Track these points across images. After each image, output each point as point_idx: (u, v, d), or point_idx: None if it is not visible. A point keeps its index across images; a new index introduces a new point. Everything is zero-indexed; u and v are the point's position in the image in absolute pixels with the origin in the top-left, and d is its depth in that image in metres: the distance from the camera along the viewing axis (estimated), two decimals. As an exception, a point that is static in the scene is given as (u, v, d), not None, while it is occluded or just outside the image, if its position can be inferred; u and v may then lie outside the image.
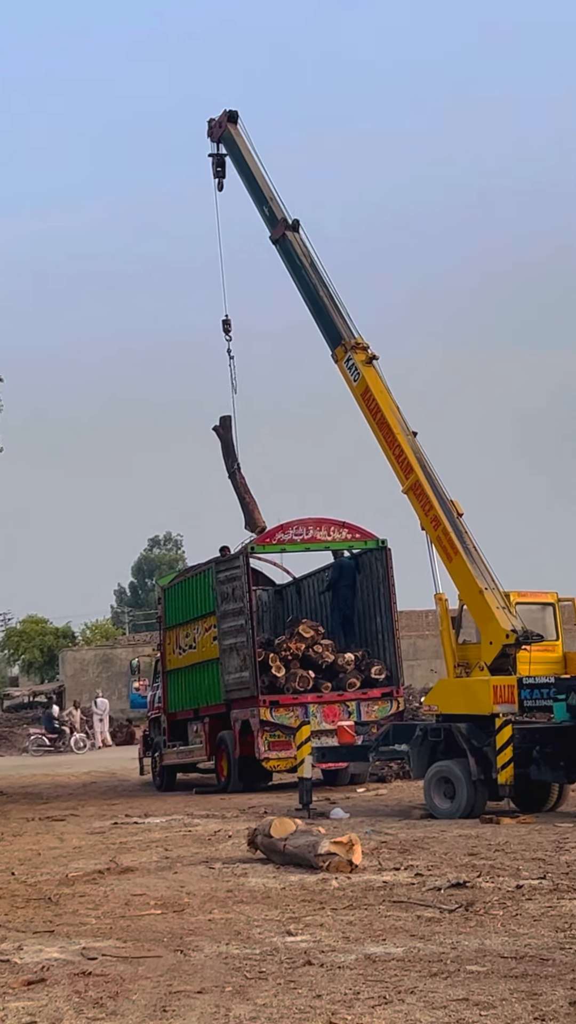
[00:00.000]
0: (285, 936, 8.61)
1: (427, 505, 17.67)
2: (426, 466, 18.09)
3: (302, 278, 20.54)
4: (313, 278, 20.40)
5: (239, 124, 22.49)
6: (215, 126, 22.77)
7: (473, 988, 6.93)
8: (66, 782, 27.63)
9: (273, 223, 21.16)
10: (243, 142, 22.32)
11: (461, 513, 17.72)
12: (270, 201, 21.42)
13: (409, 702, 23.36)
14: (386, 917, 9.11)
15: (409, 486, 17.97)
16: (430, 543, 17.56)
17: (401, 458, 18.15)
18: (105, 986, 7.35)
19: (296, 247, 20.75)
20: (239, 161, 22.26)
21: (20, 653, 66.81)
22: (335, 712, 20.90)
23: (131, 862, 12.75)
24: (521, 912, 9.07)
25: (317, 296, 20.16)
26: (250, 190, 21.95)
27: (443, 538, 17.33)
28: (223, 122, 22.52)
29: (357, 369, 19.04)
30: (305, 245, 20.81)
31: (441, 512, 17.50)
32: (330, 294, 20.16)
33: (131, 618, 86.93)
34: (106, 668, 53.41)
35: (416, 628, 44.84)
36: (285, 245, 20.88)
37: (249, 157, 22.11)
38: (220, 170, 22.87)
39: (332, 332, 19.73)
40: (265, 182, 21.74)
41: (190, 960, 7.97)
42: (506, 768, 15.17)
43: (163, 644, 25.73)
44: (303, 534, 22.20)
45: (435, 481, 17.97)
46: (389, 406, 18.65)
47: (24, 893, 11.14)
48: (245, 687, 21.24)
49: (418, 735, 16.52)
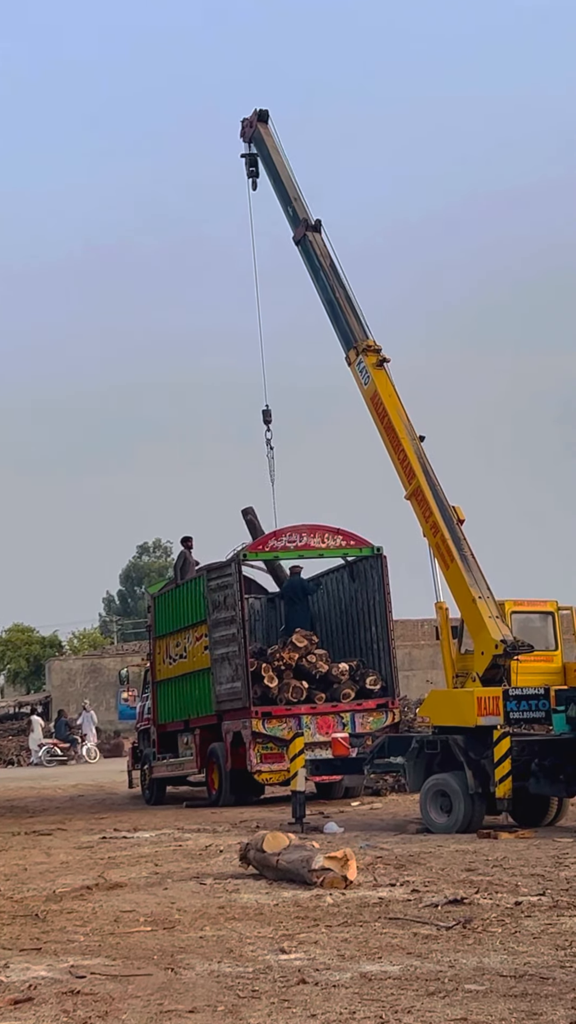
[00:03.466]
0: (278, 954, 8.43)
1: (427, 511, 17.61)
2: (429, 472, 18.01)
3: (320, 279, 20.48)
4: (331, 279, 20.33)
5: (269, 123, 22.57)
6: (247, 126, 22.84)
7: (472, 1007, 6.77)
8: (53, 795, 27.42)
9: (296, 223, 21.14)
10: (272, 141, 22.38)
11: (462, 520, 17.63)
12: (294, 201, 21.41)
13: (405, 713, 23.18)
14: (382, 934, 8.94)
15: (411, 492, 17.92)
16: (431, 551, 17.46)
17: (405, 463, 18.09)
18: (94, 1005, 7.18)
19: (316, 248, 20.72)
20: (267, 160, 22.34)
21: (5, 663, 66.64)
22: (329, 723, 20.73)
23: (120, 878, 12.56)
24: (520, 929, 8.90)
25: (334, 298, 20.08)
26: (276, 190, 21.99)
27: (441, 545, 17.26)
28: (254, 121, 22.61)
29: (367, 372, 18.98)
30: (325, 246, 20.79)
31: (440, 519, 17.42)
32: (347, 296, 20.09)
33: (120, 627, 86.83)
34: (94, 678, 53.25)
35: (412, 638, 44.78)
36: (306, 246, 20.85)
37: (277, 156, 22.17)
38: (253, 169, 22.86)
39: (347, 335, 19.68)
40: (291, 182, 21.76)
41: (181, 978, 7.78)
42: (504, 781, 14.99)
43: (153, 653, 25.57)
44: (297, 541, 22.04)
45: (437, 487, 17.88)
46: (397, 410, 18.57)
47: (10, 909, 10.94)
48: (237, 698, 21.05)
49: (414, 747, 16.35)
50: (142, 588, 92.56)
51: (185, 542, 24.67)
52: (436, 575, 17.40)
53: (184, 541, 24.72)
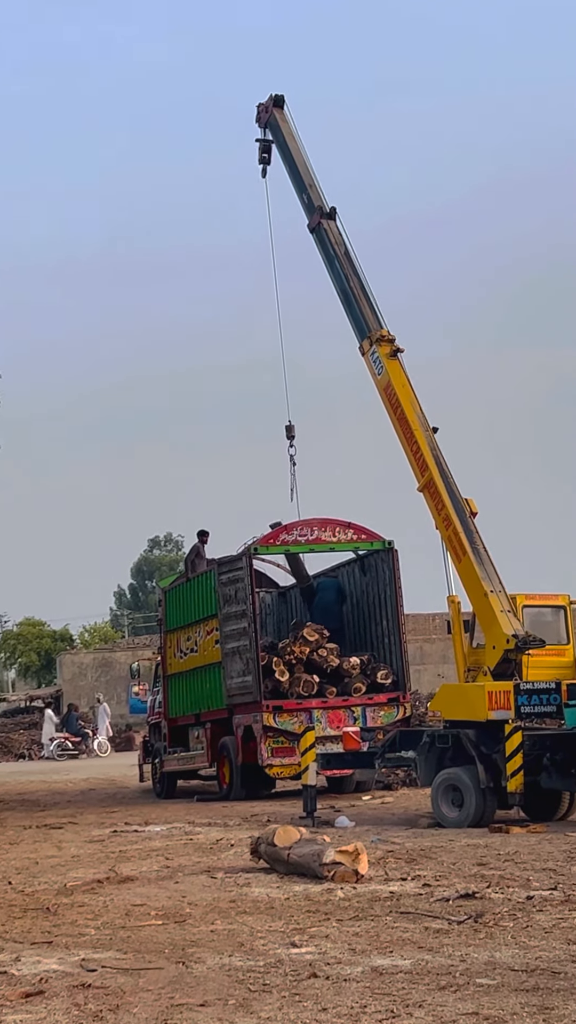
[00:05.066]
0: (289, 948, 8.40)
1: (440, 504, 17.49)
2: (442, 464, 17.87)
3: (335, 268, 20.28)
4: (346, 268, 20.12)
5: (285, 109, 22.30)
6: (262, 111, 22.59)
7: (483, 1002, 6.74)
8: (64, 789, 27.42)
9: (311, 211, 20.93)
10: (287, 127, 22.13)
11: (475, 512, 17.52)
12: (309, 188, 21.17)
13: (416, 707, 23.13)
14: (393, 928, 8.91)
15: (424, 484, 17.80)
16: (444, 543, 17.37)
17: (418, 455, 17.95)
18: (105, 999, 7.16)
19: (331, 236, 20.50)
20: (282, 147, 22.07)
21: (16, 657, 66.71)
22: (340, 718, 20.70)
23: (131, 871, 12.54)
24: (532, 924, 8.86)
25: (348, 287, 19.89)
26: (292, 176, 21.74)
27: (453, 538, 17.16)
28: (269, 107, 22.34)
29: (381, 362, 18.82)
30: (340, 234, 20.56)
31: (453, 511, 17.31)
32: (362, 285, 19.89)
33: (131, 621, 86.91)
34: (105, 672, 53.26)
35: (423, 632, 44.72)
36: (320, 234, 20.63)
37: (292, 143, 21.91)
38: (265, 156, 22.63)
39: (361, 324, 19.50)
40: (307, 169, 21.52)
41: (192, 972, 7.76)
42: (516, 776, 14.95)
43: (164, 647, 25.55)
44: (308, 535, 21.99)
45: (449, 479, 17.75)
46: (410, 401, 18.42)
47: (21, 903, 10.93)
48: (248, 692, 21.03)
49: (425, 741, 16.30)
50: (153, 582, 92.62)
51: (201, 536, 24.61)
52: (448, 568, 17.32)
53: (200, 535, 24.65)
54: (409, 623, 26.32)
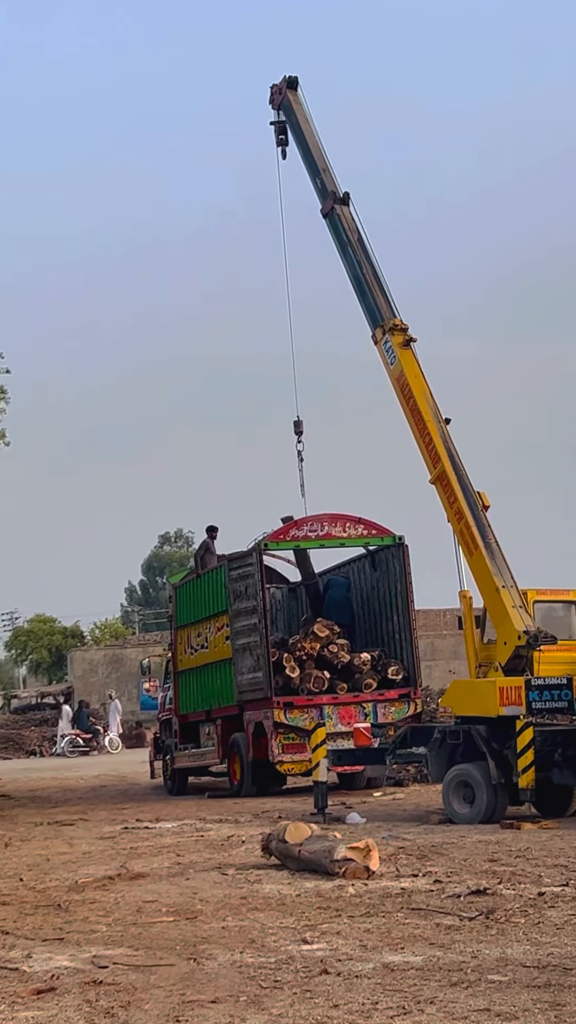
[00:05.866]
0: (301, 944, 8.40)
1: (452, 497, 17.37)
2: (454, 456, 17.73)
3: (348, 255, 20.07)
4: (359, 254, 19.92)
5: (299, 91, 22.07)
6: (275, 92, 22.35)
7: (495, 998, 6.74)
8: (75, 786, 27.46)
9: (324, 196, 20.71)
10: (301, 110, 21.91)
11: (487, 506, 17.41)
12: (323, 172, 20.95)
13: (427, 703, 23.10)
14: (404, 925, 8.91)
15: (436, 476, 17.68)
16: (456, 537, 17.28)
17: (430, 447, 17.81)
18: (116, 995, 7.17)
19: (344, 222, 20.29)
20: (296, 129, 21.86)
21: (28, 653, 66.76)
22: (351, 714, 20.68)
23: (142, 868, 12.55)
24: (543, 920, 8.86)
25: (361, 274, 19.70)
26: (305, 160, 21.51)
27: (465, 532, 17.05)
28: (283, 88, 22.10)
29: (393, 352, 18.67)
30: (353, 220, 20.34)
31: (465, 505, 17.20)
32: (375, 272, 19.69)
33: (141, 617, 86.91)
34: (115, 668, 53.31)
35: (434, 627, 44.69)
36: (333, 219, 20.42)
37: (306, 125, 21.70)
38: (283, 138, 22.34)
39: (373, 313, 19.32)
40: (320, 153, 21.30)
41: (203, 969, 7.77)
42: (527, 772, 14.91)
43: (174, 644, 25.54)
44: (318, 530, 21.96)
45: (462, 472, 17.62)
46: (423, 391, 18.27)
47: (33, 900, 10.95)
48: (258, 688, 21.02)
49: (436, 737, 16.27)
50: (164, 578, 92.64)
51: (210, 531, 24.59)
52: (460, 562, 17.23)
53: (209, 530, 24.64)
54: (420, 619, 26.32)
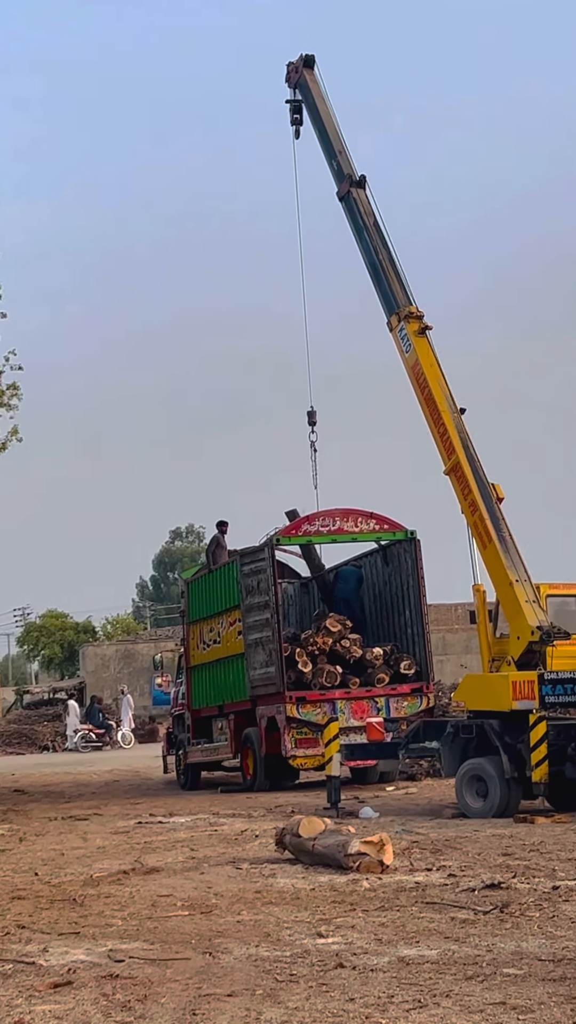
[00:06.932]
0: (316, 938, 8.41)
1: (466, 489, 17.25)
2: (469, 447, 17.60)
3: (363, 239, 19.88)
4: (375, 239, 19.74)
5: (316, 70, 21.85)
6: (292, 71, 22.14)
7: (510, 991, 6.74)
8: (88, 781, 27.51)
9: (340, 178, 20.50)
10: (317, 89, 21.67)
11: (502, 498, 17.30)
12: (339, 155, 20.74)
13: (439, 698, 23.07)
14: (419, 919, 8.91)
15: (450, 467, 17.57)
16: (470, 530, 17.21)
17: (445, 437, 17.68)
18: (133, 989, 7.18)
19: (360, 206, 20.08)
20: (312, 109, 21.63)
21: (40, 649, 66.88)
22: (363, 708, 20.66)
23: (156, 862, 12.57)
24: (558, 914, 8.85)
25: (377, 259, 19.53)
26: (321, 141, 21.30)
27: (479, 524, 16.98)
28: (299, 67, 21.88)
29: (409, 339, 18.52)
30: (369, 203, 20.14)
31: (479, 497, 17.11)
32: (391, 258, 19.51)
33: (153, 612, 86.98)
34: (127, 664, 53.36)
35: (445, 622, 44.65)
36: (349, 203, 20.23)
37: (322, 105, 21.47)
38: (298, 117, 22.16)
39: (389, 299, 19.16)
40: (336, 134, 21.09)
41: (219, 962, 7.78)
42: (540, 766, 14.89)
43: (186, 639, 25.55)
44: (330, 525, 21.92)
45: (476, 464, 17.50)
46: (438, 380, 18.13)
47: (48, 894, 10.97)
48: (271, 683, 21.02)
49: (449, 732, 16.26)
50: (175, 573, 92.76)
51: (220, 526, 24.60)
52: (474, 555, 17.15)
53: (219, 525, 24.65)
54: (432, 613, 26.27)
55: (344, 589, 23.31)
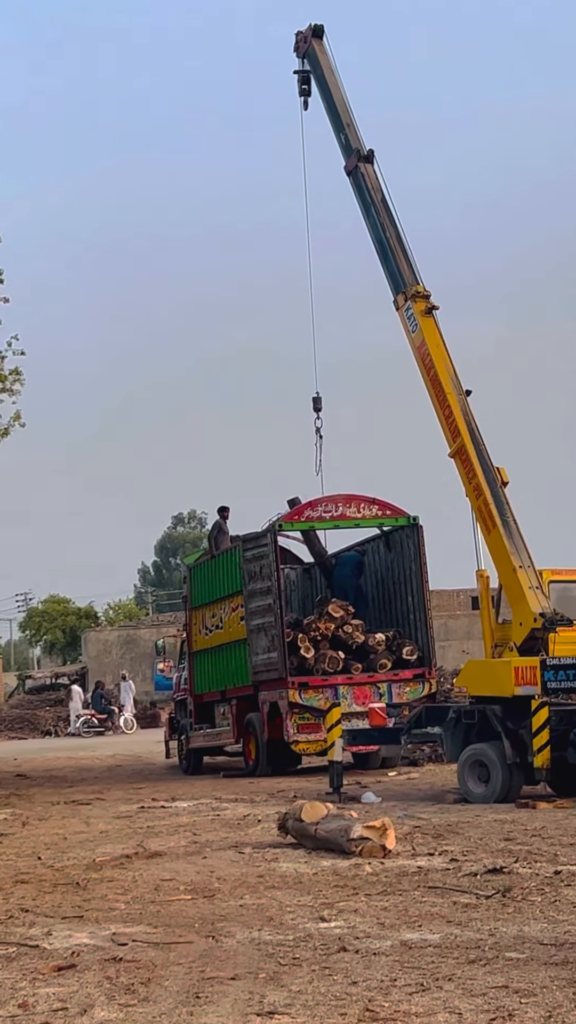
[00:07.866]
0: (318, 922, 8.44)
1: (471, 472, 17.15)
2: (474, 430, 17.47)
3: (371, 216, 19.61)
4: (382, 216, 19.47)
5: (325, 41, 21.51)
6: (300, 41, 21.82)
7: (513, 975, 6.76)
8: (91, 765, 27.57)
9: (348, 152, 20.23)
10: (326, 60, 21.35)
11: (506, 482, 17.21)
12: (347, 127, 20.44)
13: (441, 683, 23.09)
14: (421, 903, 8.93)
15: (455, 450, 17.48)
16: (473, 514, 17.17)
17: (450, 419, 17.54)
18: (136, 972, 7.20)
19: (368, 181, 19.79)
20: (320, 80, 21.32)
21: (42, 634, 66.93)
22: (366, 694, 20.69)
23: (159, 847, 12.60)
24: (560, 898, 8.87)
25: (384, 237, 19.28)
26: (329, 114, 21.00)
27: (484, 509, 16.92)
28: (308, 37, 21.56)
29: (415, 319, 18.35)
30: (377, 179, 19.84)
31: (484, 481, 17.04)
32: (398, 235, 19.27)
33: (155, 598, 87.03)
34: (130, 649, 53.39)
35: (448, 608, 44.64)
36: (357, 178, 19.94)
37: (331, 77, 21.15)
38: (306, 88, 21.81)
39: (396, 278, 18.96)
40: (345, 107, 20.78)
41: (222, 946, 7.80)
42: (542, 751, 14.91)
43: (189, 624, 25.58)
44: (332, 511, 21.91)
45: (482, 447, 17.39)
46: (444, 362, 17.99)
47: (51, 878, 11.00)
48: (273, 668, 21.05)
49: (451, 717, 16.29)
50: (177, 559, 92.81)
51: (221, 512, 24.59)
52: (478, 540, 17.10)
53: (220, 511, 24.64)
54: (434, 599, 26.27)
55: (340, 574, 23.32)
